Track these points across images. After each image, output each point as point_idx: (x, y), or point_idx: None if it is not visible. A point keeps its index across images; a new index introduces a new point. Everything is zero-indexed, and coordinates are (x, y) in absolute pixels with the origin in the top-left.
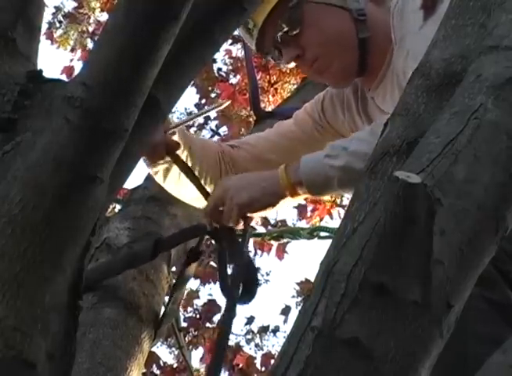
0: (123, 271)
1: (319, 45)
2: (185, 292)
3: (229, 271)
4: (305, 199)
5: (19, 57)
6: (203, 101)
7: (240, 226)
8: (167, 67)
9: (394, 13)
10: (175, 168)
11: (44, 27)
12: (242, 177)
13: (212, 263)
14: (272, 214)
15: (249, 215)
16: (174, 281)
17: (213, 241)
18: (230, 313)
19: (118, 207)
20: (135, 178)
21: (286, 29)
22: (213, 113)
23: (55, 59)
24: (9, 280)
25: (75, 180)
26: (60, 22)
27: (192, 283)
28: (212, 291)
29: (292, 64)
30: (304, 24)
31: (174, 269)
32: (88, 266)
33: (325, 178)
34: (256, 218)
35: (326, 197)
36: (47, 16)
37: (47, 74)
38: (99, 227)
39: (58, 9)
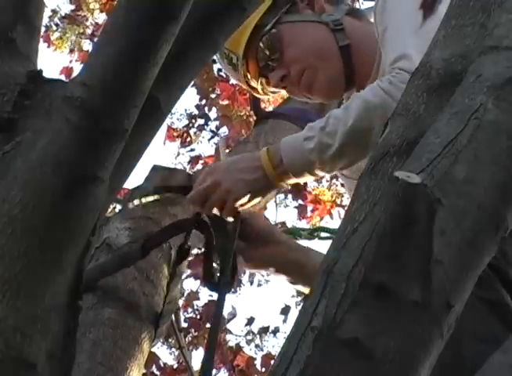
0: (117, 271)
1: (302, 60)
2: (186, 293)
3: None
4: (304, 199)
5: (19, 57)
6: (204, 101)
7: (230, 219)
8: (168, 67)
9: (376, 12)
10: None
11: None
12: (230, 166)
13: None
14: (272, 215)
15: (240, 208)
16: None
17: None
18: (220, 307)
19: (118, 207)
20: (135, 178)
21: (267, 54)
22: (213, 114)
23: (52, 62)
24: (9, 280)
25: (75, 180)
26: (57, 25)
27: (193, 284)
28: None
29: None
30: (284, 45)
31: None
32: (88, 266)
33: (307, 163)
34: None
35: (326, 197)
36: (44, 19)
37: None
38: (99, 227)
39: (55, 11)
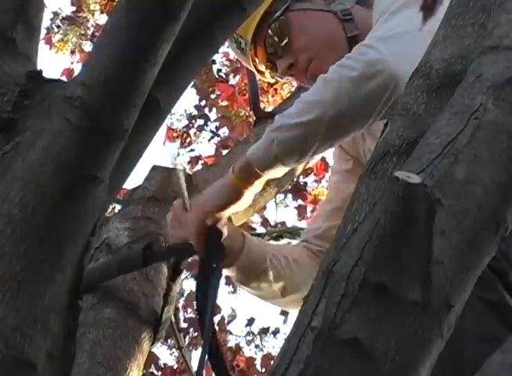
0: (116, 276)
1: (310, 48)
2: (185, 293)
3: None
4: (304, 199)
5: (19, 57)
6: (203, 102)
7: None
8: (167, 67)
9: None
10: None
11: (42, 31)
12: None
13: None
14: (272, 214)
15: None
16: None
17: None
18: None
19: (118, 207)
20: (135, 178)
21: (275, 41)
22: (213, 115)
23: (53, 64)
24: (9, 280)
25: (75, 180)
26: (59, 27)
27: (193, 284)
28: None
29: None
30: (292, 32)
31: None
32: (88, 266)
33: (269, 153)
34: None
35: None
36: (45, 21)
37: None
38: (99, 227)
39: (56, 13)
